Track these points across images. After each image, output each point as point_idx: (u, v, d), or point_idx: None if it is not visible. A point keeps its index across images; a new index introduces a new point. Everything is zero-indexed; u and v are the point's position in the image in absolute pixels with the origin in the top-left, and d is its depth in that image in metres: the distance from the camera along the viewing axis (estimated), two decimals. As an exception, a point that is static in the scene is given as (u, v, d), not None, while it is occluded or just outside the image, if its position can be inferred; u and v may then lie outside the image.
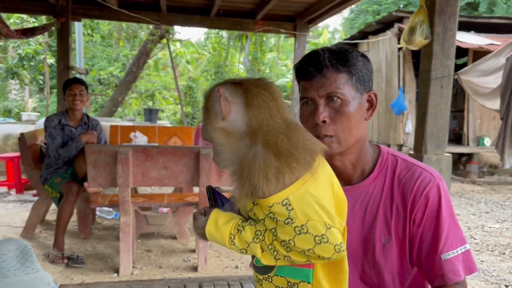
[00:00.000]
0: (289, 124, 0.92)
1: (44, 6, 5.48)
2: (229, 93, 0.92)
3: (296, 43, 6.83)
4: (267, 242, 0.91)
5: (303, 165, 0.88)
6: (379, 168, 1.26)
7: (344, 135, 1.17)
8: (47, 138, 3.89)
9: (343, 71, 1.16)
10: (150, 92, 14.97)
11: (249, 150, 0.91)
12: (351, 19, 23.22)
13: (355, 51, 1.21)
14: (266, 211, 0.90)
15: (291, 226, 0.87)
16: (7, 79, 11.32)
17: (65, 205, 3.66)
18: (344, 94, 1.15)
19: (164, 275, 3.43)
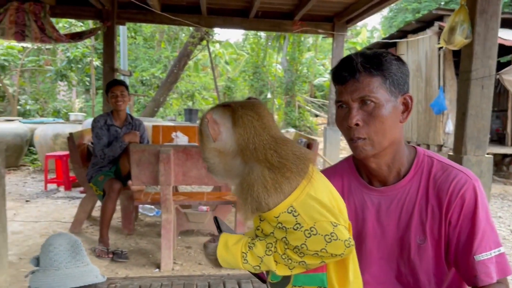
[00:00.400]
0: (276, 140, 0.98)
1: (91, 11, 5.73)
2: (218, 116, 1.00)
3: (334, 43, 6.82)
4: (280, 252, 0.97)
5: (297, 173, 0.95)
6: (415, 169, 1.27)
7: (378, 138, 1.20)
8: (93, 138, 4.06)
9: (376, 75, 1.18)
10: (190, 92, 15.27)
11: (243, 167, 0.98)
12: (390, 17, 22.77)
13: (390, 54, 1.23)
14: (273, 222, 0.96)
15: (301, 231, 0.93)
16: (56, 81, 11.85)
17: (107, 202, 3.82)
18: (377, 98, 1.18)
19: (203, 271, 3.53)
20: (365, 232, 1.29)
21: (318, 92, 21.33)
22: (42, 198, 5.79)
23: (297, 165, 0.95)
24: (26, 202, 5.57)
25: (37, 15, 5.42)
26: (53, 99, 13.33)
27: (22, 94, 12.37)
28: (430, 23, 8.75)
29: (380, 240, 1.28)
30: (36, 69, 12.47)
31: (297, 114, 17.05)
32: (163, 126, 5.53)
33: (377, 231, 1.28)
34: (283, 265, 0.98)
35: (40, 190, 6.32)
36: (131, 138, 4.04)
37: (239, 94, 17.96)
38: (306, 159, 0.98)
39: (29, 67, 12.42)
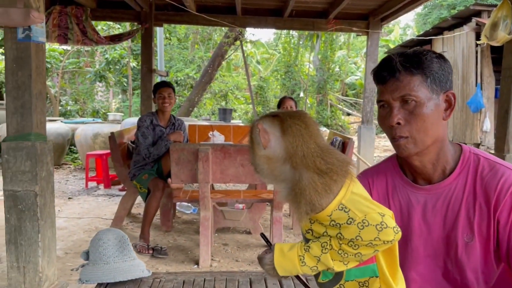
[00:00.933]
0: (322, 148, 1.04)
1: (130, 13, 5.89)
2: (268, 125, 1.06)
3: (369, 41, 6.76)
4: (336, 248, 1.02)
5: (342, 175, 1.02)
6: (461, 167, 1.27)
7: (420, 136, 1.21)
8: (139, 137, 4.15)
9: (416, 74, 1.19)
10: (224, 92, 15.41)
11: (292, 173, 1.05)
12: (424, 14, 22.27)
13: (431, 52, 1.23)
14: (326, 221, 1.02)
15: (354, 224, 0.98)
16: (95, 81, 12.22)
17: (152, 200, 3.93)
18: (418, 96, 1.19)
19: (240, 268, 3.59)
20: (411, 230, 1.29)
21: (350, 91, 21.12)
22: (84, 196, 6.00)
23: (341, 168, 1.03)
24: (69, 199, 5.79)
25: (79, 18, 5.62)
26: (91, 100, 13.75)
27: (63, 95, 12.81)
28: (467, 19, 8.54)
29: (426, 238, 1.28)
30: (76, 70, 12.90)
31: (329, 113, 16.94)
32: (199, 126, 5.63)
33: (423, 229, 1.28)
34: (339, 261, 1.03)
35: (81, 187, 6.54)
36: (176, 137, 4.16)
37: (271, 94, 17.99)
38: (347, 163, 1.05)
39: (70, 69, 12.86)
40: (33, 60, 2.60)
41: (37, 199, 2.64)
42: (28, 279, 2.68)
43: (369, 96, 6.85)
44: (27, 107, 2.61)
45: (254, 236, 4.40)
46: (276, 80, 18.50)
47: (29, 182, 2.62)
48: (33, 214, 2.64)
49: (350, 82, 20.66)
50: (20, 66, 2.58)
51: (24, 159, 2.61)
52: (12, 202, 2.65)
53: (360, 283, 1.07)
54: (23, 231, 2.66)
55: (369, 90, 6.82)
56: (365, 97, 6.96)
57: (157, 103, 4.29)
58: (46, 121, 2.79)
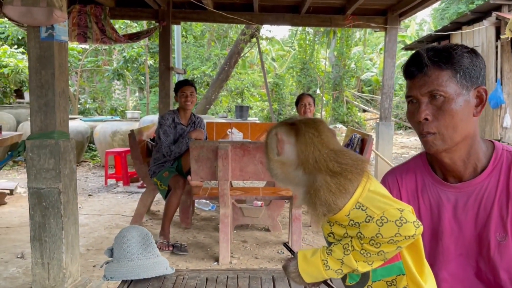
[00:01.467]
0: (336, 151, 1.06)
1: (148, 12, 5.92)
2: (284, 133, 1.09)
3: (387, 36, 6.67)
4: (358, 249, 1.01)
5: (357, 173, 1.03)
6: (493, 164, 1.24)
7: (448, 132, 1.19)
8: (161, 135, 4.16)
9: (445, 69, 1.17)
10: (240, 89, 15.43)
11: (306, 178, 1.07)
12: (442, 9, 21.93)
13: (462, 47, 1.20)
14: (345, 222, 1.02)
15: (373, 222, 0.98)
16: (113, 80, 12.35)
17: (173, 197, 3.95)
18: (447, 92, 1.17)
19: (260, 265, 3.59)
20: (442, 229, 1.27)
21: (365, 87, 20.95)
22: (103, 193, 6.07)
23: (356, 167, 1.04)
24: (89, 196, 5.86)
25: (98, 17, 5.67)
26: (109, 98, 13.89)
27: (82, 93, 12.98)
28: (487, 14, 8.38)
29: (458, 236, 1.26)
30: (95, 69, 13.05)
31: (345, 109, 16.84)
32: (216, 123, 5.64)
33: (454, 227, 1.26)
34: (363, 261, 1.02)
35: (101, 185, 6.62)
36: (197, 135, 4.17)
37: (287, 90, 17.94)
38: (362, 161, 1.06)
39: (88, 67, 13.01)
40: (56, 59, 2.63)
41: (61, 196, 2.68)
42: (52, 275, 2.72)
43: (387, 92, 6.77)
44: (50, 106, 2.64)
45: (273, 233, 4.40)
46: (292, 77, 18.44)
47: (53, 179, 2.66)
48: (57, 211, 2.68)
49: (365, 79, 20.50)
50: (43, 65, 2.62)
51: (48, 157, 2.65)
52: (36, 200, 2.69)
53: (387, 282, 1.06)
54: (47, 228, 2.70)
55: (387, 86, 6.75)
56: (383, 93, 6.88)
57: (179, 101, 4.31)
58: (69, 119, 2.83)
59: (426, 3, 5.78)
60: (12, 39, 10.80)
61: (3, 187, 5.72)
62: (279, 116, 16.52)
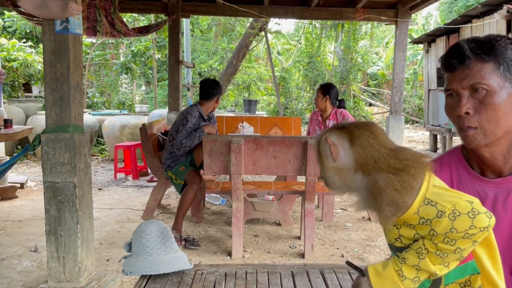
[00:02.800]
0: (394, 149, 1.03)
1: (157, 5, 5.90)
2: (336, 138, 1.06)
3: (398, 30, 6.61)
4: (432, 250, 0.96)
5: (419, 168, 0.99)
6: None
7: (491, 127, 1.15)
8: (181, 128, 4.05)
9: (488, 61, 1.13)
10: (247, 83, 15.39)
11: (366, 180, 1.03)
12: (450, 2, 21.71)
13: (505, 38, 1.16)
14: (415, 221, 0.98)
15: (445, 216, 0.94)
16: (121, 73, 12.35)
17: (189, 192, 3.93)
18: (489, 85, 1.12)
19: (273, 260, 3.58)
20: None
21: (371, 81, 20.84)
22: (113, 187, 6.07)
23: (417, 162, 1.00)
24: (99, 190, 5.87)
25: (107, 11, 5.64)
26: (116, 92, 13.90)
27: (90, 87, 12.98)
28: (497, 7, 8.28)
29: (495, 234, 1.23)
30: (103, 63, 13.04)
31: (352, 103, 16.76)
32: (226, 117, 5.62)
33: None
34: (439, 264, 0.98)
35: (110, 179, 6.63)
36: (210, 129, 4.14)
37: (293, 84, 17.89)
38: (422, 156, 1.03)
39: (96, 61, 13.00)
40: (71, 52, 2.61)
41: (76, 190, 2.67)
42: (67, 269, 2.72)
43: (398, 86, 6.72)
44: (65, 99, 2.63)
45: (284, 227, 4.39)
46: (298, 71, 18.37)
47: (68, 173, 2.65)
48: (72, 205, 2.68)
49: (371, 72, 20.40)
50: (58, 58, 2.60)
51: (63, 150, 2.64)
52: (51, 193, 2.68)
53: (461, 284, 1.03)
54: (62, 222, 2.69)
55: (398, 80, 6.69)
56: (393, 87, 6.83)
57: (214, 105, 4.30)
58: (83, 112, 2.81)
59: (438, -5, 5.72)
60: (20, 32, 10.81)
61: (14, 180, 5.74)
62: (286, 110, 16.48)
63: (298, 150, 3.57)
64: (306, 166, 3.56)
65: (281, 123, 5.76)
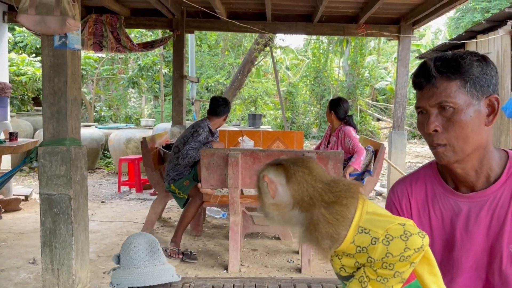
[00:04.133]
0: (328, 183, 1.05)
1: (162, 21, 6.00)
2: (273, 175, 1.06)
3: (400, 45, 6.65)
4: (373, 277, 0.99)
5: (351, 197, 1.02)
6: (507, 174, 1.20)
7: (459, 144, 1.16)
8: (191, 141, 4.06)
9: (454, 79, 1.13)
10: (253, 98, 15.48)
11: (303, 216, 1.04)
12: (457, 18, 21.78)
13: (471, 55, 1.16)
14: (352, 250, 1.01)
15: (379, 242, 0.97)
16: (128, 88, 12.50)
17: (192, 206, 3.96)
18: (456, 103, 1.13)
19: (269, 274, 3.57)
20: (453, 240, 1.24)
21: (379, 96, 20.84)
22: (116, 200, 6.12)
23: (349, 191, 1.02)
24: (101, 203, 5.91)
25: (113, 26, 5.77)
26: (124, 106, 14.06)
27: (98, 101, 13.16)
28: (502, 22, 8.29)
29: (469, 248, 1.22)
30: (111, 77, 13.23)
31: (358, 118, 16.76)
32: (229, 131, 5.66)
33: (465, 239, 1.23)
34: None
35: (114, 192, 6.68)
36: (218, 146, 4.18)
37: (300, 99, 17.94)
38: (355, 185, 1.05)
39: (104, 75, 13.20)
40: (69, 67, 2.68)
41: (71, 203, 2.71)
42: (61, 281, 2.74)
43: (400, 101, 6.73)
44: (62, 113, 2.68)
45: (283, 241, 4.38)
46: (305, 85, 18.45)
47: (64, 186, 2.69)
48: (67, 218, 2.71)
49: (380, 88, 20.40)
50: (56, 73, 2.67)
51: (59, 163, 2.69)
52: (47, 206, 2.72)
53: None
54: (57, 234, 2.73)
55: (400, 95, 6.71)
56: (396, 102, 6.84)
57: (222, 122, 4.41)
58: (80, 126, 2.87)
59: (438, 12, 5.75)
60: (31, 48, 11.02)
61: (18, 193, 5.80)
62: (292, 125, 16.52)
63: (295, 164, 3.58)
64: (303, 180, 3.57)
65: (283, 137, 5.78)
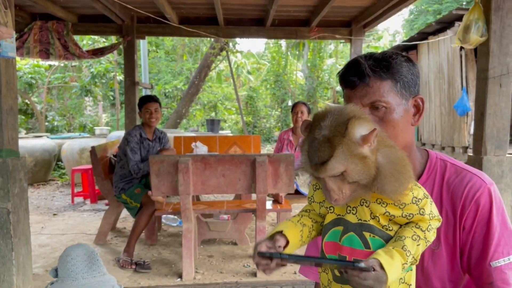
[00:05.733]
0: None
1: (112, 27, 5.87)
2: (365, 124, 0.99)
3: (352, 48, 6.77)
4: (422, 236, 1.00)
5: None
6: (428, 173, 1.24)
7: None
8: (128, 152, 4.06)
9: (386, 79, 1.14)
10: (213, 103, 15.40)
11: (384, 157, 0.99)
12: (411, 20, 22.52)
13: (400, 56, 1.19)
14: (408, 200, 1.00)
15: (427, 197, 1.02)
16: (81, 96, 12.16)
17: (144, 215, 3.88)
18: (389, 102, 1.14)
19: (224, 279, 3.54)
20: None
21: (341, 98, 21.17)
22: (69, 211, 5.93)
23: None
24: (53, 215, 5.71)
25: (60, 33, 5.60)
26: (80, 115, 13.68)
27: (49, 110, 12.73)
28: (450, 24, 8.62)
29: None
30: (62, 85, 12.83)
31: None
32: (184, 137, 5.59)
33: None
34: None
35: (67, 203, 6.47)
36: (169, 154, 4.11)
37: (261, 104, 18.01)
38: None
39: (56, 84, 12.79)
40: (2, 76, 2.57)
41: (10, 216, 2.59)
42: (2, 298, 2.62)
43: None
44: (-3, 123, 2.57)
45: (240, 247, 4.36)
46: (266, 89, 18.55)
47: (1, 199, 2.58)
48: (6, 232, 2.60)
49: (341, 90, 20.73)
50: (-11, 82, 2.55)
51: (-5, 176, 2.57)
52: (-16, 221, 2.59)
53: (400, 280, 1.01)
54: (-4, 249, 2.60)
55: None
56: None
57: (143, 118, 4.25)
58: (18, 137, 2.76)
59: (387, 14, 5.89)
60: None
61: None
62: (254, 129, 16.55)
63: (247, 168, 3.58)
64: (255, 184, 3.56)
65: (240, 141, 5.76)
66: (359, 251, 1.01)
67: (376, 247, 1.00)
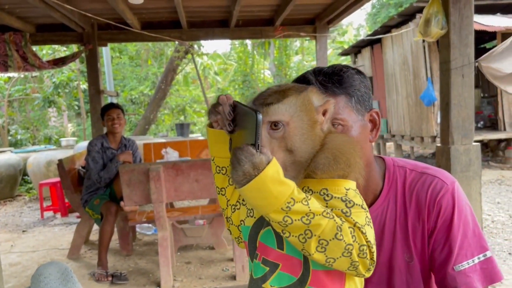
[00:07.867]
0: None
1: (72, 35, 5.73)
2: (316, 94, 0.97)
3: (318, 45, 6.82)
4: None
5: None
6: (388, 184, 1.19)
7: None
8: (90, 162, 4.03)
9: (339, 94, 1.08)
10: (181, 107, 15.25)
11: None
12: (374, 14, 22.92)
13: (350, 68, 1.13)
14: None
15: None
16: (44, 107, 11.81)
17: (105, 225, 3.80)
18: (345, 119, 1.08)
19: (203, 285, 3.51)
20: None
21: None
22: (39, 227, 5.75)
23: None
24: (23, 232, 5.53)
25: (18, 44, 5.42)
26: (44, 127, 13.30)
27: (12, 124, 12.32)
28: (412, 16, 8.82)
29: None
30: (24, 97, 12.43)
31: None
32: (154, 143, 5.51)
33: None
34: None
35: (37, 219, 6.27)
36: (125, 157, 4.05)
37: (230, 104, 17.92)
38: None
39: (16, 96, 12.38)
40: (-42, 93, 2.45)
41: (-25, 239, 2.48)
42: (-28, 325, 2.51)
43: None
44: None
45: (218, 251, 4.33)
46: (235, 90, 18.52)
47: (-35, 221, 2.46)
48: (-28, 255, 2.48)
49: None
50: None
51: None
52: None
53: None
54: (-38, 274, 2.48)
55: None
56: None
57: (106, 125, 4.18)
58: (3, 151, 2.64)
59: (350, 9, 5.96)
60: None
61: None
62: (225, 130, 16.45)
63: (219, 171, 3.54)
64: (229, 187, 3.54)
65: (211, 144, 5.71)
66: (271, 250, 0.92)
67: (290, 249, 0.89)
